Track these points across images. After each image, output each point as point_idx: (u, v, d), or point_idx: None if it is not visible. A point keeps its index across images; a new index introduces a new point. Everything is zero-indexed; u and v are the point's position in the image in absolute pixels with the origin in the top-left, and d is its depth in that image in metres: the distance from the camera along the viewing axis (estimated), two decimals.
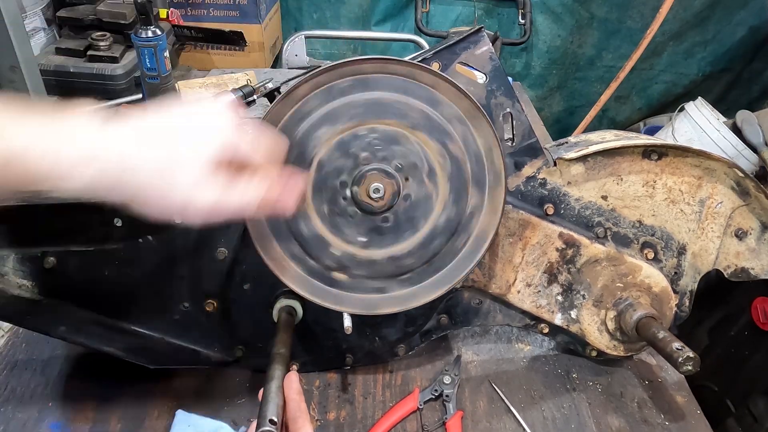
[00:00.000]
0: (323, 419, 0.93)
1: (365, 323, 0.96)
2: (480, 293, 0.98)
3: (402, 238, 0.80)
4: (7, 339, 1.04)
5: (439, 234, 0.80)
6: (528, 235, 0.93)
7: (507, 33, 2.63)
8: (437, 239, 0.80)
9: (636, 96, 2.73)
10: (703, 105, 2.12)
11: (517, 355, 1.06)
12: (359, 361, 1.00)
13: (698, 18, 2.47)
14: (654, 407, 0.98)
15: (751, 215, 0.95)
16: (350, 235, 0.79)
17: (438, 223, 0.80)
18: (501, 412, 0.96)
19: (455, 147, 0.77)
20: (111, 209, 0.87)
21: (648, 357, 1.07)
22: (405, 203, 0.78)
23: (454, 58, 0.83)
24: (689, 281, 0.99)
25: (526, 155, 0.90)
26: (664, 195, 0.94)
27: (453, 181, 0.78)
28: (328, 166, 0.76)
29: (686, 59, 2.59)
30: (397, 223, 0.79)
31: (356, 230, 0.78)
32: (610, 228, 0.95)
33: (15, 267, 0.88)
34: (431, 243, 0.80)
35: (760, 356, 1.41)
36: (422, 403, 0.96)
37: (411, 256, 0.80)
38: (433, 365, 1.03)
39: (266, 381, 0.78)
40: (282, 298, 0.92)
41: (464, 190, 0.79)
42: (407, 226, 0.79)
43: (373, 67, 0.74)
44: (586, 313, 0.98)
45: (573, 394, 0.99)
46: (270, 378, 0.78)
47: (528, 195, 0.92)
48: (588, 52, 2.65)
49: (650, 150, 0.91)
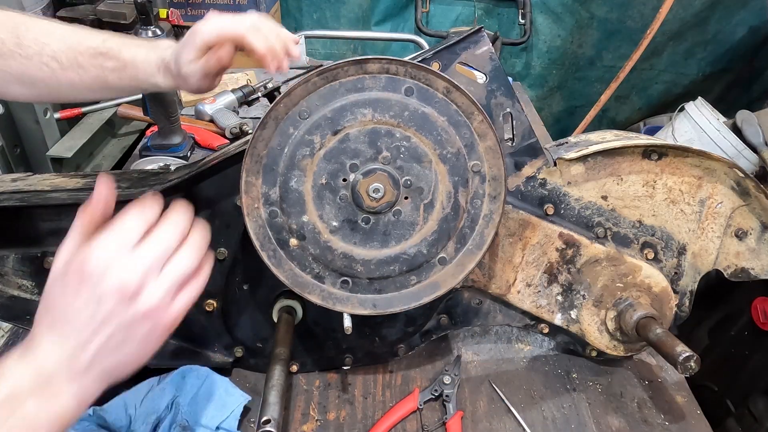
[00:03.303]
0: (323, 419, 0.93)
1: (365, 323, 0.96)
2: (480, 293, 0.98)
3: (367, 244, 0.80)
4: (7, 339, 1.04)
5: (400, 262, 0.80)
6: (528, 235, 0.93)
7: (507, 33, 2.63)
8: (394, 265, 0.81)
9: (636, 96, 2.73)
10: (703, 105, 2.12)
11: (517, 355, 1.06)
12: (359, 361, 1.00)
13: (698, 18, 2.47)
14: (654, 407, 0.98)
15: (751, 215, 0.95)
16: (326, 214, 0.78)
17: (406, 252, 0.80)
18: (501, 412, 0.96)
19: (463, 197, 0.78)
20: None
21: (648, 357, 1.07)
22: (392, 217, 0.78)
23: (454, 58, 0.83)
24: (689, 281, 0.99)
25: (526, 155, 0.90)
26: (664, 195, 0.94)
27: (442, 224, 0.79)
28: (350, 143, 0.75)
29: (686, 59, 2.59)
30: (372, 230, 0.79)
31: (335, 213, 0.78)
32: (610, 228, 0.95)
33: (15, 267, 0.88)
34: (388, 266, 0.81)
35: (760, 356, 1.41)
36: (422, 403, 0.96)
37: (363, 265, 0.80)
38: (433, 365, 1.03)
39: (266, 381, 0.78)
40: (282, 298, 0.92)
41: (445, 238, 0.80)
42: (379, 237, 0.79)
43: (441, 86, 0.75)
44: (586, 313, 0.98)
45: (573, 394, 0.99)
46: (270, 378, 0.78)
47: (528, 195, 0.92)
48: (588, 52, 2.65)
49: (650, 150, 0.91)
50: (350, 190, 0.76)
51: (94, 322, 0.54)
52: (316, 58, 2.31)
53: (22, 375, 0.53)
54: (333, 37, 2.59)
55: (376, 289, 0.82)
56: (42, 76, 0.81)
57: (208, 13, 0.82)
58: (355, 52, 2.75)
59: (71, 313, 0.55)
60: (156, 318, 0.57)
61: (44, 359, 0.54)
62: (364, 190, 0.76)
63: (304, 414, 0.94)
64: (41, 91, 0.85)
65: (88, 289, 0.54)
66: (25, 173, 0.99)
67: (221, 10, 2.35)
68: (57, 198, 0.87)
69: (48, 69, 0.81)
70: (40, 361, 0.54)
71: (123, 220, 0.58)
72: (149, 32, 1.47)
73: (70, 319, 0.55)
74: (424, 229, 0.79)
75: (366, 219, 0.78)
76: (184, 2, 2.25)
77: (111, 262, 0.55)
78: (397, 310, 0.82)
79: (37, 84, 0.83)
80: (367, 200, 0.76)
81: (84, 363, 0.55)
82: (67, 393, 0.55)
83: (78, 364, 0.55)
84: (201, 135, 1.63)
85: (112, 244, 0.56)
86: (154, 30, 1.47)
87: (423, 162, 0.76)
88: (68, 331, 0.55)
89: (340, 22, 2.70)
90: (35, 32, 0.81)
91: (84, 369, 0.55)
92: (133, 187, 0.88)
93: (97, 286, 0.54)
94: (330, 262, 0.80)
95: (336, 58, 0.74)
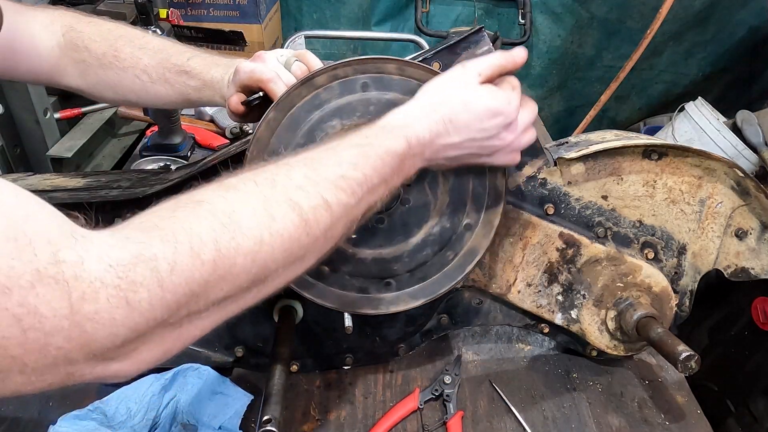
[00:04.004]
0: (324, 419, 0.93)
1: (366, 323, 0.96)
2: (480, 293, 0.98)
3: (392, 241, 0.80)
4: None
5: (430, 244, 0.80)
6: (528, 234, 0.94)
7: (507, 33, 2.63)
8: (426, 250, 0.81)
9: (636, 96, 2.73)
10: (703, 105, 2.11)
11: (518, 355, 1.06)
12: (359, 361, 1.00)
13: (698, 18, 2.46)
14: (654, 407, 0.98)
15: (751, 215, 0.95)
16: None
17: (431, 233, 0.80)
18: (501, 411, 0.96)
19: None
20: (111, 209, 0.87)
21: (648, 357, 1.07)
22: (402, 208, 0.78)
23: (455, 58, 0.83)
24: (689, 281, 0.99)
25: (526, 155, 0.90)
26: (664, 195, 0.94)
27: (452, 193, 0.79)
28: None
29: (686, 59, 2.59)
30: (390, 227, 0.79)
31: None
32: (610, 228, 0.95)
33: None
34: (420, 252, 0.81)
35: (760, 356, 1.41)
36: (422, 403, 0.96)
37: (397, 261, 0.80)
38: (434, 365, 1.03)
39: (267, 381, 0.78)
40: (282, 297, 0.92)
41: (461, 204, 0.80)
42: (400, 230, 0.80)
43: (393, 68, 0.75)
44: (586, 313, 0.98)
45: (573, 393, 0.99)
46: (270, 378, 0.78)
47: (528, 195, 0.92)
48: (588, 52, 2.65)
49: (650, 150, 0.91)
50: None
51: (482, 131, 0.71)
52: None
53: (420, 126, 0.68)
54: (333, 37, 2.58)
55: (419, 278, 0.83)
56: (134, 87, 0.91)
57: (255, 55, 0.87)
58: (355, 52, 2.75)
59: (469, 122, 0.70)
60: (514, 143, 0.74)
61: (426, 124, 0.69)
62: None
63: (304, 414, 0.94)
64: (131, 98, 0.94)
65: (492, 118, 0.71)
66: (25, 173, 0.99)
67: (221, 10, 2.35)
68: (57, 198, 0.87)
69: (139, 81, 0.91)
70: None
71: (512, 82, 0.74)
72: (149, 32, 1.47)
73: (467, 123, 0.70)
74: (438, 204, 0.80)
75: (380, 220, 0.78)
76: (184, 2, 2.25)
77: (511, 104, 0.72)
78: (448, 287, 0.83)
79: (129, 93, 0.93)
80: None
81: (452, 130, 0.70)
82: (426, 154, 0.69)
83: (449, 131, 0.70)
84: (201, 135, 1.63)
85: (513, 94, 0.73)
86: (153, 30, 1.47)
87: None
88: (461, 125, 0.70)
89: (340, 22, 2.69)
90: (131, 46, 0.91)
91: (451, 131, 0.70)
92: (134, 187, 0.88)
93: (499, 117, 0.71)
94: (366, 272, 0.80)
95: (336, 58, 0.74)
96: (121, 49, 0.91)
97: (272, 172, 0.56)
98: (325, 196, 0.56)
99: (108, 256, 0.42)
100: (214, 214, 0.49)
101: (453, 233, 0.81)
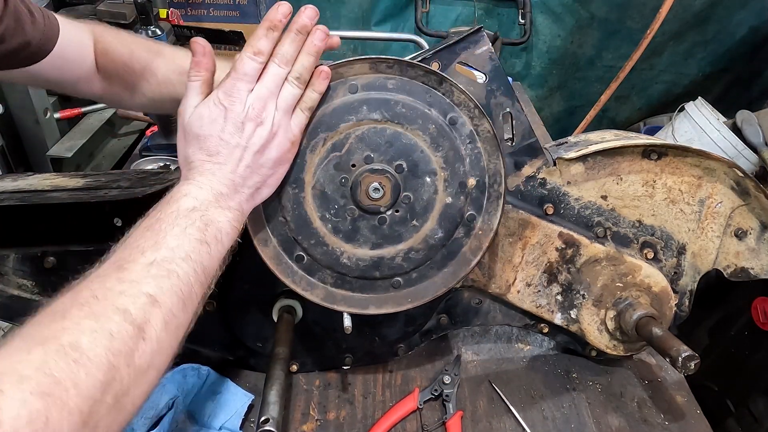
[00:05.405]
0: (323, 419, 0.93)
1: (365, 323, 0.96)
2: (480, 293, 0.98)
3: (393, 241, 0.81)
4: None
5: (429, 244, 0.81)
6: (528, 234, 0.94)
7: (507, 33, 2.63)
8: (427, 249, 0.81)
9: (636, 96, 2.73)
10: (703, 105, 2.12)
11: (517, 355, 1.06)
12: (359, 361, 1.00)
13: (698, 18, 2.46)
14: (654, 407, 0.98)
15: (750, 215, 0.95)
16: (351, 240, 0.80)
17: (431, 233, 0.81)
18: (501, 411, 0.96)
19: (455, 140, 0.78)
20: (111, 209, 0.87)
21: (648, 357, 1.07)
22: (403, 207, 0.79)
23: (454, 58, 0.83)
24: (689, 281, 0.99)
25: (525, 155, 0.90)
26: (663, 195, 0.94)
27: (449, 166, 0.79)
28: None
29: (686, 59, 2.59)
30: (391, 224, 0.80)
31: (361, 235, 0.80)
32: (609, 228, 0.95)
33: (15, 267, 0.88)
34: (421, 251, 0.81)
35: (760, 356, 1.41)
36: (422, 403, 0.96)
37: (398, 261, 0.81)
38: (433, 365, 1.03)
39: (266, 381, 0.78)
40: (282, 298, 0.92)
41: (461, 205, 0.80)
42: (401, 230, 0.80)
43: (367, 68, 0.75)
44: (585, 313, 0.98)
45: (573, 393, 0.99)
46: (270, 378, 0.78)
47: (528, 195, 0.92)
48: (588, 52, 2.65)
49: (650, 150, 0.91)
50: (356, 205, 0.78)
51: (240, 148, 0.68)
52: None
53: (203, 192, 0.66)
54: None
55: (419, 278, 0.83)
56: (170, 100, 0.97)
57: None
58: (354, 52, 2.75)
59: (221, 144, 0.67)
60: (281, 137, 0.70)
61: (212, 182, 0.67)
62: (365, 194, 0.77)
63: (304, 413, 0.94)
64: (167, 108, 0.98)
65: (232, 121, 0.67)
66: (25, 173, 0.99)
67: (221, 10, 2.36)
68: (57, 198, 0.87)
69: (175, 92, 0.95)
70: (211, 183, 0.67)
71: (241, 66, 0.69)
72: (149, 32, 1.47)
73: (221, 150, 0.67)
74: (437, 204, 0.80)
75: (381, 220, 0.79)
76: (184, 2, 2.25)
77: (245, 97, 0.68)
78: (448, 287, 0.83)
79: (165, 105, 0.99)
80: (367, 200, 0.77)
81: (239, 180, 0.68)
82: (234, 204, 0.68)
83: (235, 181, 0.68)
84: None
85: (243, 85, 0.68)
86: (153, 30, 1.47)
87: (402, 139, 0.76)
88: (222, 158, 0.67)
89: (340, 22, 2.69)
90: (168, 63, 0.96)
91: (239, 185, 0.68)
92: (133, 187, 0.88)
93: (238, 117, 0.67)
94: (366, 272, 0.81)
95: (336, 58, 0.74)
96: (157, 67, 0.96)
97: (90, 288, 0.56)
98: (147, 290, 0.56)
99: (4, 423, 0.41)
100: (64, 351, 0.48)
101: (452, 233, 0.81)
